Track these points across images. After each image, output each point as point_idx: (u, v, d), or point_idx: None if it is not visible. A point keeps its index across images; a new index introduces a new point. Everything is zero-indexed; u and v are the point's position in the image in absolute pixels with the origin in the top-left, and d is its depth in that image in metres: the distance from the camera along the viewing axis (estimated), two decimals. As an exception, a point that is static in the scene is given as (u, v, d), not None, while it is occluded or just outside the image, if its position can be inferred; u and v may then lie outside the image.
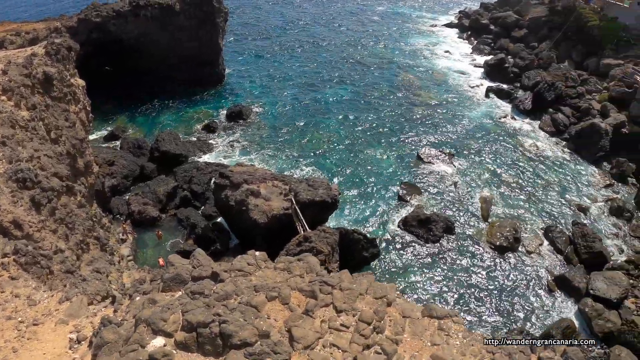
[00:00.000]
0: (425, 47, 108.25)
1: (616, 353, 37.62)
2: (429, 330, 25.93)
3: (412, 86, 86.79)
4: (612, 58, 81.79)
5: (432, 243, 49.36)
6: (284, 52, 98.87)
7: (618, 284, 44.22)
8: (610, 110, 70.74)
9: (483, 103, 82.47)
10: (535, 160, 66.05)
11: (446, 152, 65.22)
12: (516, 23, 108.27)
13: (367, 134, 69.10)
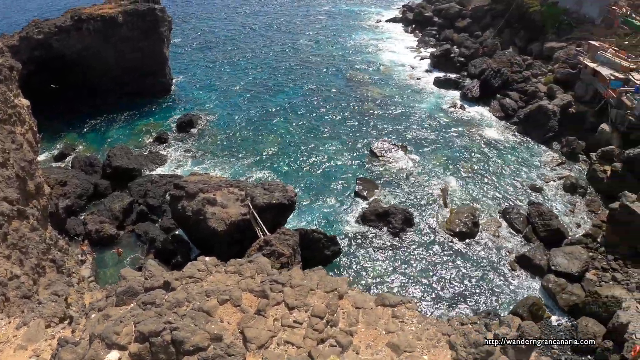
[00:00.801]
0: (371, 43, 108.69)
1: (583, 324, 38.28)
2: (383, 319, 25.78)
3: (361, 82, 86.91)
4: (554, 41, 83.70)
5: (393, 235, 49.26)
6: (232, 58, 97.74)
7: (578, 257, 44.89)
8: (556, 91, 72.22)
9: (432, 94, 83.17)
10: (487, 146, 66.81)
11: (399, 145, 65.41)
12: (459, 13, 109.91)
13: (319, 133, 68.79)
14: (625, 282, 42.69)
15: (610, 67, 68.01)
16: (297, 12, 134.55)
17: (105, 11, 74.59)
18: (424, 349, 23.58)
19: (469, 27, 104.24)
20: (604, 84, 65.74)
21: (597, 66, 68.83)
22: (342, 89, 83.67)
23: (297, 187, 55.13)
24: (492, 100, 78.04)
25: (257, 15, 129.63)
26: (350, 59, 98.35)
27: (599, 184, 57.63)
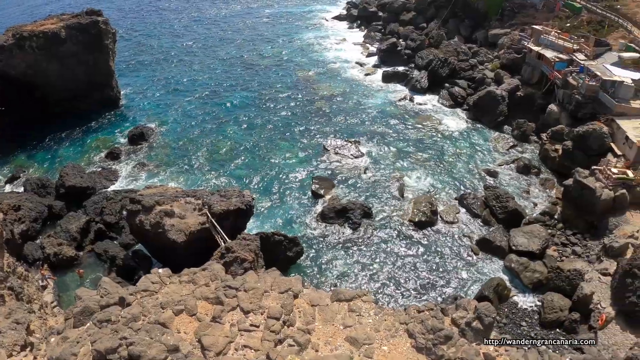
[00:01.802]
0: (318, 42, 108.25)
1: (549, 299, 38.68)
2: (339, 314, 25.73)
3: (310, 82, 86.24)
4: (498, 28, 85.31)
5: (353, 230, 48.79)
6: (179, 67, 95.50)
7: (537, 235, 45.42)
8: (503, 76, 73.28)
9: (381, 88, 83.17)
10: (440, 135, 67.05)
11: (352, 141, 65.01)
12: (404, 6, 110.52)
13: (272, 135, 67.76)
14: (586, 254, 43.37)
15: (554, 49, 69.51)
16: (239, 17, 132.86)
17: (48, 27, 71.69)
18: (383, 340, 23.48)
19: (414, 19, 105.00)
20: (549, 66, 67.08)
21: (541, 49, 70.19)
22: (291, 90, 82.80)
23: (254, 191, 54.19)
24: (441, 89, 78.62)
25: (199, 23, 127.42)
26: (298, 60, 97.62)
27: (551, 162, 58.76)
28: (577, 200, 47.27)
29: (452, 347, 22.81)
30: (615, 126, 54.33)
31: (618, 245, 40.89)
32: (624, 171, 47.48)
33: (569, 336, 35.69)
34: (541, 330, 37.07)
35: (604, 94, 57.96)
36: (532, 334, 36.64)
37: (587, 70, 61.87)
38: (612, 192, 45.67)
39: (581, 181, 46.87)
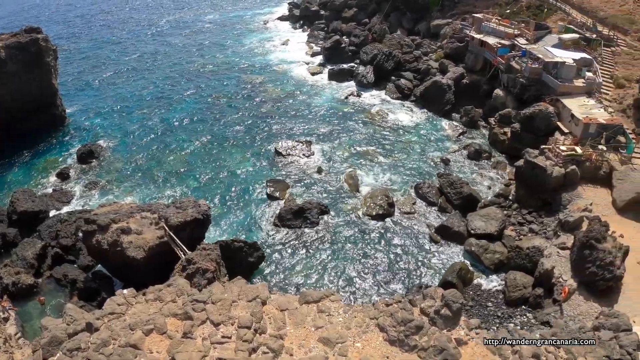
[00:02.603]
0: (262, 45, 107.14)
1: (511, 277, 38.92)
2: (309, 316, 25.53)
3: (257, 85, 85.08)
4: (440, 19, 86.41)
5: (312, 230, 48.13)
6: (125, 79, 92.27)
7: (494, 218, 45.83)
8: (448, 65, 74.14)
9: (328, 86, 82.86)
10: (390, 128, 67.14)
11: (303, 141, 64.31)
12: (345, 4, 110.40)
13: (223, 142, 66.32)
14: (543, 231, 43.94)
15: (496, 35, 70.87)
16: (181, 25, 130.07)
17: (-14, 49, 68.03)
18: (355, 337, 23.58)
19: (356, 15, 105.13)
20: (492, 52, 68.28)
21: (483, 37, 71.41)
22: (239, 95, 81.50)
23: (210, 199, 52.88)
24: (388, 83, 78.94)
25: (141, 36, 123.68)
26: (243, 64, 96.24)
27: (501, 145, 59.78)
28: (530, 180, 47.94)
29: (424, 336, 23.24)
30: (561, 105, 55.59)
31: (573, 219, 41.53)
32: (573, 148, 48.57)
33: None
34: (507, 309, 37.20)
35: (547, 76, 59.24)
36: (499, 314, 36.74)
37: (529, 53, 63.27)
38: (563, 169, 46.54)
39: (532, 161, 47.62)
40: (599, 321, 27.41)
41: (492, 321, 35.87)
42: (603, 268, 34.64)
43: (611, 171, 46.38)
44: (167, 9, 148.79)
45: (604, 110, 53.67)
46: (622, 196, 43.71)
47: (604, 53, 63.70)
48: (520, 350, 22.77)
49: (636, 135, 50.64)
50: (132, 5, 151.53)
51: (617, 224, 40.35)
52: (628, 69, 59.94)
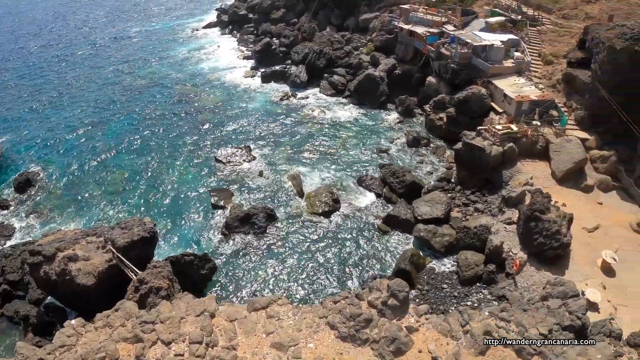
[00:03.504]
0: (193, 54, 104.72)
1: (463, 257, 39.08)
2: (259, 323, 24.87)
3: (191, 95, 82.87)
4: (368, 13, 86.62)
5: (260, 235, 46.91)
6: (54, 102, 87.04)
7: (439, 201, 45.79)
8: (379, 58, 74.40)
9: (262, 89, 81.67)
10: (327, 125, 66.59)
11: (242, 147, 62.92)
12: (273, 5, 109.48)
13: (163, 156, 64.00)
14: (488, 209, 44.41)
15: (424, 24, 71.68)
16: (108, 42, 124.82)
17: None
18: (307, 338, 23.42)
19: (285, 16, 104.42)
20: (422, 41, 68.87)
21: (411, 27, 72.04)
22: (174, 107, 79.04)
23: (155, 215, 50.78)
24: (321, 80, 78.53)
25: (66, 55, 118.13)
26: (176, 75, 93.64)
27: (438, 131, 60.30)
28: (469, 161, 48.45)
29: (374, 328, 23.29)
30: (493, 87, 56.58)
31: (516, 194, 42.18)
32: (508, 126, 49.52)
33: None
34: (463, 288, 37.22)
35: (477, 59, 60.19)
36: (456, 294, 36.70)
37: (457, 39, 64.02)
38: (501, 147, 47.50)
39: (470, 143, 48.08)
40: (546, 291, 27.78)
41: (449, 302, 35.69)
42: (550, 237, 35.33)
43: (547, 144, 47.54)
44: (91, 26, 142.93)
45: (535, 87, 54.94)
46: (560, 167, 44.81)
47: (530, 33, 65.27)
48: (471, 330, 22.65)
49: (568, 108, 52.05)
50: (53, 28, 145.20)
51: (558, 194, 41.21)
52: (554, 46, 61.50)
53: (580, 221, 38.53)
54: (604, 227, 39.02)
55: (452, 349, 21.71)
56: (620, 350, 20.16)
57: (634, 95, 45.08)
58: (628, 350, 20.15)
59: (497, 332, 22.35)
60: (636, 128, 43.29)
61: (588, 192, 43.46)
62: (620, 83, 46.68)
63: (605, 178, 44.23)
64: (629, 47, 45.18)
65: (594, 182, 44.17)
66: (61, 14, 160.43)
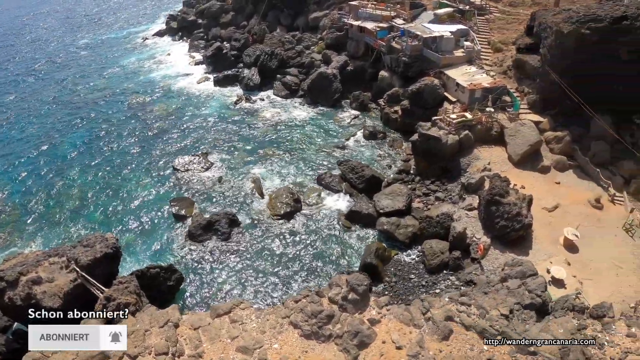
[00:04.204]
0: (143, 63, 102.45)
1: (428, 247, 38.95)
2: (223, 329, 24.44)
3: (144, 105, 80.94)
4: (317, 11, 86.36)
5: (225, 241, 45.96)
6: (1, 122, 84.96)
7: (400, 194, 45.66)
8: (331, 56, 74.21)
9: (215, 94, 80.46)
10: (283, 126, 65.91)
11: (200, 154, 61.76)
12: (222, 9, 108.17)
13: (120, 169, 62.11)
14: (448, 197, 44.63)
15: (374, 20, 71.80)
16: (55, 54, 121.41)
17: None
18: (271, 339, 23.57)
19: (234, 19, 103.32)
20: (372, 36, 68.96)
21: (361, 23, 72.06)
22: (128, 118, 76.95)
23: (117, 231, 49.30)
24: (274, 82, 77.74)
25: (11, 63, 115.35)
26: (128, 85, 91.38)
27: (394, 124, 60.44)
28: (427, 152, 48.56)
29: (336, 324, 23.53)
30: (445, 77, 56.94)
31: (475, 180, 42.51)
32: (462, 114, 49.84)
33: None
34: (430, 277, 37.15)
35: (428, 51, 60.52)
36: (424, 283, 36.60)
37: (407, 32, 64.24)
38: (457, 136, 47.80)
39: (426, 133, 48.23)
40: (505, 272, 28.07)
41: (418, 292, 35.38)
42: (512, 220, 35.69)
43: (502, 130, 48.01)
44: (40, 39, 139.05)
45: (487, 75, 55.52)
46: (517, 150, 45.31)
47: (478, 22, 66.07)
48: (432, 317, 22.64)
49: (520, 93, 52.71)
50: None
51: (516, 177, 41.61)
52: (503, 33, 62.43)
53: (540, 202, 38.95)
54: (564, 205, 39.58)
55: (416, 337, 21.68)
56: (584, 322, 20.24)
57: (582, 76, 45.82)
58: (592, 322, 20.24)
59: (458, 317, 22.35)
60: (587, 108, 44.02)
61: (545, 173, 44.08)
62: (568, 66, 47.33)
63: (561, 158, 44.90)
64: (576, 30, 45.81)
65: (550, 162, 44.84)
66: (8, 26, 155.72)
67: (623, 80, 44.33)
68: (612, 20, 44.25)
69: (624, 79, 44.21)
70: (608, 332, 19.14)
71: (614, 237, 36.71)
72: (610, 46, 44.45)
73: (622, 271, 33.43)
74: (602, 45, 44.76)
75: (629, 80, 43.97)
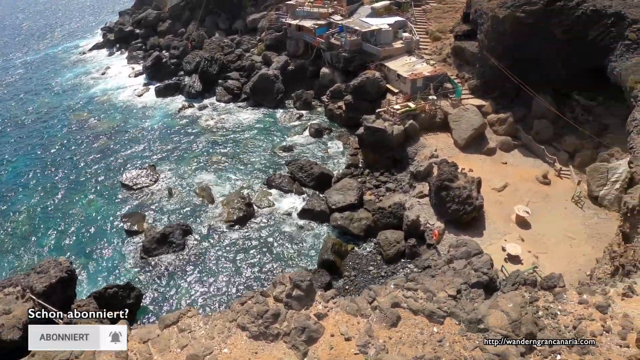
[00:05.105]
0: (83, 79, 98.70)
1: (383, 237, 38.88)
2: (172, 339, 23.31)
3: (86, 121, 77.99)
4: (255, 13, 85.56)
5: (181, 252, 44.67)
6: None
7: (350, 188, 45.33)
8: (271, 57, 73.46)
9: (158, 105, 78.46)
10: (229, 130, 64.71)
11: (147, 167, 60.02)
12: (158, 17, 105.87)
13: (67, 190, 59.36)
14: (399, 187, 44.63)
15: (312, 18, 71.52)
16: None
17: None
18: (220, 344, 22.76)
19: (172, 27, 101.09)
20: (311, 34, 68.56)
21: (299, 21, 71.59)
22: (70, 137, 74.00)
23: (70, 254, 47.15)
24: (216, 87, 76.39)
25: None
26: (68, 104, 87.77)
27: (339, 119, 60.34)
28: (373, 144, 48.47)
29: (283, 322, 22.94)
30: (386, 69, 57.06)
31: (423, 168, 42.57)
32: (406, 104, 50.12)
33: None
34: (389, 267, 37.06)
35: (367, 44, 60.69)
36: (383, 273, 36.43)
37: (346, 28, 64.35)
38: (402, 126, 47.88)
39: (371, 126, 48.19)
40: (450, 254, 28.13)
41: (378, 282, 35.05)
42: (463, 203, 35.90)
43: (446, 116, 48.47)
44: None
45: (427, 64, 55.95)
46: (462, 135, 45.76)
47: (415, 12, 66.68)
48: (379, 305, 22.38)
49: (460, 79, 53.26)
50: None
51: (463, 161, 41.96)
52: (441, 22, 63.21)
53: (489, 183, 39.37)
54: (512, 184, 40.14)
55: (364, 327, 21.34)
56: (536, 295, 20.25)
57: (520, 59, 46.90)
58: (543, 294, 20.24)
59: (405, 302, 22.11)
60: (528, 88, 44.76)
61: (492, 155, 44.68)
62: (506, 49, 48.24)
63: (505, 139, 45.55)
64: (511, 14, 46.65)
65: (495, 144, 45.44)
66: None
67: (560, 60, 45.31)
68: (546, 2, 45.04)
69: (561, 58, 45.17)
70: (560, 301, 19.09)
71: (564, 209, 37.49)
72: (545, 28, 45.24)
73: (575, 242, 34.22)
74: (538, 27, 45.56)
75: (566, 59, 44.93)
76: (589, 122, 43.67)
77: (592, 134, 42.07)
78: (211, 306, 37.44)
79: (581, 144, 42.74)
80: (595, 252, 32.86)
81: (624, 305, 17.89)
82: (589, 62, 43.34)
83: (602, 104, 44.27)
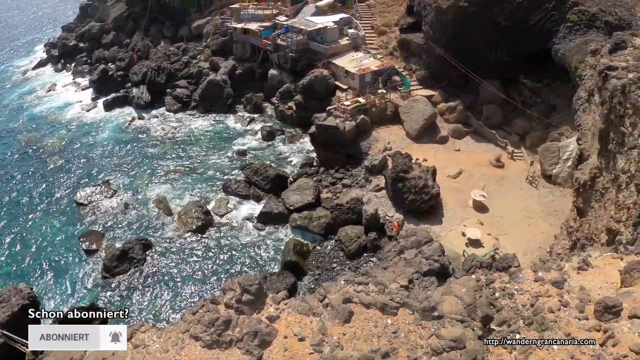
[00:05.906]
0: (27, 98, 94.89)
1: (344, 234, 38.98)
2: (128, 356, 23.16)
3: (35, 142, 75.17)
4: (200, 19, 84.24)
5: (142, 267, 43.61)
6: None
7: (307, 187, 45.21)
8: (218, 62, 72.60)
9: (107, 119, 76.38)
10: (180, 140, 63.58)
11: (101, 183, 58.36)
12: (102, 29, 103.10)
13: (20, 214, 56.48)
14: (355, 182, 44.79)
15: (257, 20, 70.93)
16: None
17: None
18: (175, 356, 22.05)
19: (116, 38, 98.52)
20: (257, 37, 67.95)
21: (244, 25, 70.86)
22: (21, 158, 71.08)
23: (30, 280, 45.43)
24: (165, 97, 74.75)
25: None
26: (13, 125, 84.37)
27: (290, 120, 60.21)
28: (326, 142, 48.45)
29: (235, 328, 22.30)
30: (334, 66, 57.17)
31: (378, 161, 42.65)
32: (356, 100, 50.30)
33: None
34: (352, 262, 37.19)
35: (314, 43, 60.66)
36: (347, 269, 36.32)
37: (291, 28, 64.11)
38: (353, 122, 47.93)
39: (322, 124, 48.16)
40: (400, 245, 28.13)
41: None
42: (419, 193, 36.18)
43: (396, 109, 48.79)
44: None
45: (374, 58, 56.20)
46: (413, 126, 46.13)
47: (360, 8, 66.89)
48: (330, 302, 22.21)
49: (408, 71, 53.67)
50: None
51: (417, 151, 42.28)
52: (385, 16, 63.57)
53: (443, 170, 39.78)
54: (467, 170, 40.69)
55: (317, 326, 21.06)
56: (492, 277, 20.29)
57: (465, 47, 47.50)
58: (499, 275, 20.31)
59: (357, 297, 21.95)
60: (474, 75, 45.31)
61: (444, 143, 45.20)
62: (451, 39, 48.76)
63: (456, 126, 46.10)
64: (454, 4, 47.20)
65: (447, 132, 45.95)
66: None
67: (505, 46, 46.08)
68: (488, -10, 45.67)
69: (506, 44, 45.95)
70: (516, 281, 19.11)
71: (520, 190, 38.27)
72: (488, 16, 45.89)
73: (533, 221, 34.97)
74: (481, 15, 46.19)
75: (510, 44, 45.69)
76: (537, 105, 44.62)
77: (541, 115, 42.95)
78: (175, 319, 36.44)
79: (531, 125, 43.53)
80: (553, 229, 33.68)
81: (579, 279, 17.98)
82: (533, 46, 44.22)
83: (548, 85, 45.20)
